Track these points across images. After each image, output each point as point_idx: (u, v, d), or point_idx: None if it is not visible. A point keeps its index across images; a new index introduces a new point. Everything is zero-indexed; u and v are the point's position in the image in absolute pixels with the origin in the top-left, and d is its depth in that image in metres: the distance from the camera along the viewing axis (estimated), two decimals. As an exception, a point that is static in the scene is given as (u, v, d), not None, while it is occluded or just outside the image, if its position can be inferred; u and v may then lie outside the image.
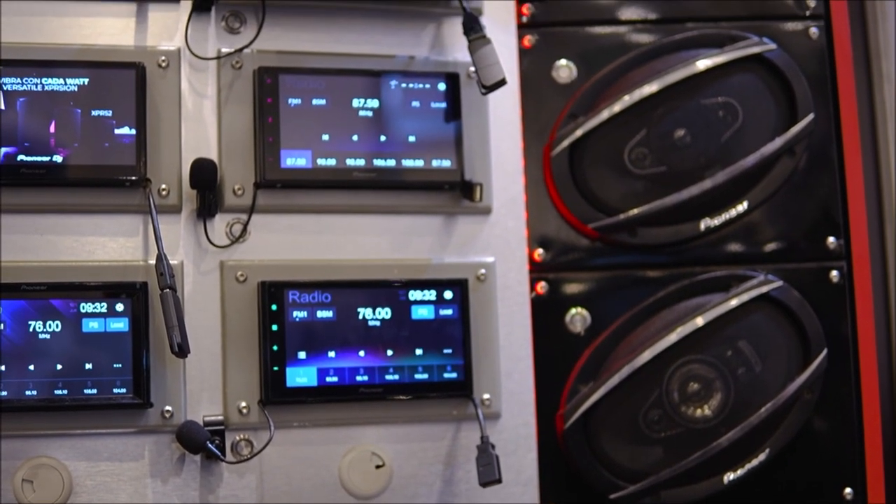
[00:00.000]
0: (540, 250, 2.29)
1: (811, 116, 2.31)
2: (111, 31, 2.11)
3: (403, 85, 2.18)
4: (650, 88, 2.25)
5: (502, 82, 2.09)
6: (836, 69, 2.36)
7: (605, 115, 2.25)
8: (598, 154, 2.30)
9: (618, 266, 2.32)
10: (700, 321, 2.22)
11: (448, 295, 2.16)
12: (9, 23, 2.06)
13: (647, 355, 2.21)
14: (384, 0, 2.21)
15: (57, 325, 1.98)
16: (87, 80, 2.04)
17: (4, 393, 1.93)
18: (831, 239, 2.34)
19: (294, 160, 2.11)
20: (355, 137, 2.14)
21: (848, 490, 2.31)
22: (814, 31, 2.37)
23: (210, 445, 2.00)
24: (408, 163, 2.17)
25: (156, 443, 2.03)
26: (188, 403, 2.05)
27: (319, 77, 2.14)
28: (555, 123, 2.30)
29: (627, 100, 2.25)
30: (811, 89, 2.33)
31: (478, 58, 2.11)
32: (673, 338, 2.21)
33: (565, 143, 2.27)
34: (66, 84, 2.03)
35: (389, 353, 2.11)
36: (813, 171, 2.35)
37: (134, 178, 2.03)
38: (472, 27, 2.13)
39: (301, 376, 2.07)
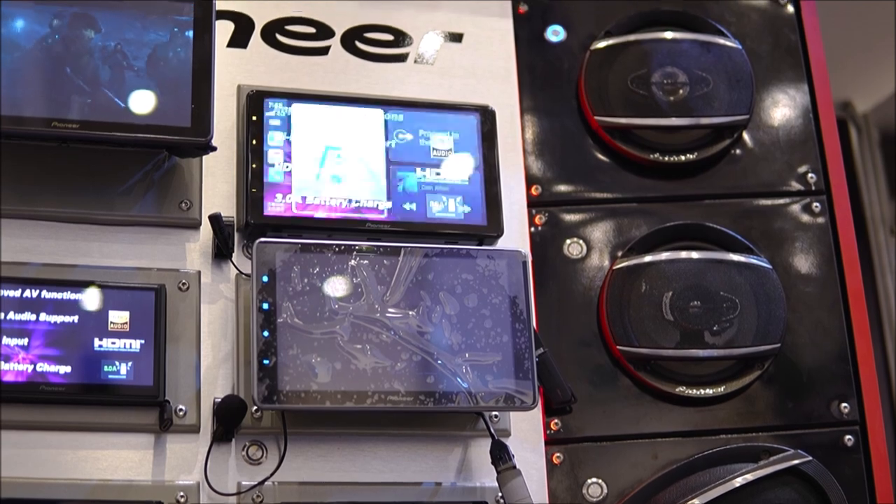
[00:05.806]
0: None
1: (851, 532, 2.24)
2: (128, 465, 2.03)
3: (432, 518, 2.11)
4: (692, 505, 2.19)
5: (533, 519, 2.02)
6: (874, 479, 2.31)
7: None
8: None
9: None
10: None
11: None
12: (19, 455, 1.98)
13: None
14: (408, 425, 2.16)
15: None
16: (102, 520, 1.97)
17: None
18: None
19: None
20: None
21: None
22: (849, 438, 2.32)
23: None
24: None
25: None
26: None
27: (345, 512, 2.08)
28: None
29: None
30: (847, 496, 2.26)
31: (507, 491, 2.04)
32: None
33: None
34: (79, 524, 1.96)
35: None
36: (858, 590, 2.26)
37: None
38: (501, 457, 2.06)
39: None
